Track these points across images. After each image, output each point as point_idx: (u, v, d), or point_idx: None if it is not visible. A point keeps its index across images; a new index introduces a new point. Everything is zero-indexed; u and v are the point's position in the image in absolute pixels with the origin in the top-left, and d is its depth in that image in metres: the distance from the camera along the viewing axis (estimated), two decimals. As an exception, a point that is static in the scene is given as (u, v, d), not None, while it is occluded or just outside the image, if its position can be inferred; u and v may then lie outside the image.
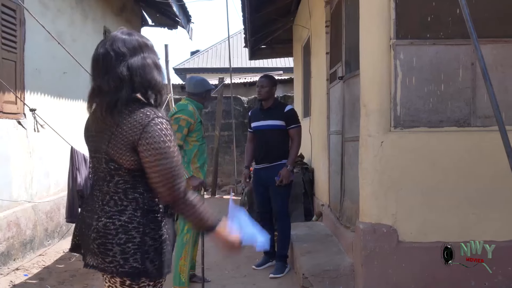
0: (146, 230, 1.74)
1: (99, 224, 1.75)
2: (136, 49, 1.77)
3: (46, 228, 5.37)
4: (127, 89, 1.72)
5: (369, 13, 3.54)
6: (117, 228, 1.73)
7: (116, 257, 1.72)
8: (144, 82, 1.75)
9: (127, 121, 1.71)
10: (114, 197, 1.76)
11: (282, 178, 4.47)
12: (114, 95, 1.71)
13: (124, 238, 1.73)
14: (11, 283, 4.22)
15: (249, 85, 13.57)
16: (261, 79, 4.77)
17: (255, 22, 7.83)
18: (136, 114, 1.71)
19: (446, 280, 3.37)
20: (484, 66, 2.62)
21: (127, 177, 1.76)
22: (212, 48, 22.80)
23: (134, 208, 1.75)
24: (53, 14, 5.70)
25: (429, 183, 3.46)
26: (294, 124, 4.64)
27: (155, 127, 1.70)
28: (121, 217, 1.74)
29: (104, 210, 1.77)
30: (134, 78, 1.73)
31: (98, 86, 1.76)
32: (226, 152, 11.33)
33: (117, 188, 1.77)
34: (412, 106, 3.53)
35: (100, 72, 1.75)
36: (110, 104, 1.72)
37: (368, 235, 3.46)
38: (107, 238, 1.73)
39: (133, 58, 1.74)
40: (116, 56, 1.73)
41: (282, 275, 4.47)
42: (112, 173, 1.77)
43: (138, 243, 1.73)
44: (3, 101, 4.64)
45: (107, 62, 1.73)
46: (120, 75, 1.71)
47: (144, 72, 1.75)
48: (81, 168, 4.41)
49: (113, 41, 1.77)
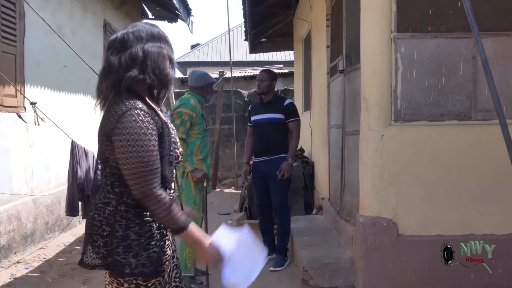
0: (130, 224, 1.72)
1: (89, 214, 1.79)
2: (155, 37, 1.78)
3: (46, 221, 5.38)
4: (137, 70, 1.71)
5: (370, 6, 3.53)
6: (101, 220, 1.73)
7: (101, 249, 1.73)
8: (155, 68, 1.75)
9: (109, 110, 1.72)
10: (104, 189, 1.77)
11: (283, 171, 4.48)
12: (121, 74, 1.71)
13: (108, 230, 1.72)
14: (12, 276, 4.23)
15: (249, 79, 13.55)
16: (261, 73, 4.81)
17: (255, 15, 7.80)
18: (118, 104, 1.71)
19: (445, 273, 3.38)
20: (485, 60, 2.61)
21: (114, 169, 1.74)
22: (212, 42, 22.75)
23: (118, 202, 1.73)
24: (53, 7, 5.68)
25: (429, 177, 3.46)
26: (293, 117, 4.67)
27: (130, 117, 1.67)
28: (106, 210, 1.74)
29: (94, 202, 1.79)
30: (147, 60, 1.73)
31: (109, 63, 1.74)
32: (226, 146, 11.32)
33: (107, 180, 1.77)
34: (412, 100, 3.52)
35: (114, 50, 1.75)
36: (115, 83, 1.72)
37: (368, 229, 3.46)
38: (93, 229, 1.75)
39: (150, 44, 1.76)
40: (134, 38, 1.75)
41: (282, 268, 4.48)
42: (104, 165, 1.78)
43: (120, 237, 1.71)
44: (3, 94, 4.63)
45: (124, 42, 1.75)
46: (133, 55, 1.72)
47: (157, 59, 1.76)
48: (82, 162, 4.41)
49: (134, 26, 1.80)
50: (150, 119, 1.70)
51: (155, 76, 1.75)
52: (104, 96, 1.77)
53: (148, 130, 1.68)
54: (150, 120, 1.70)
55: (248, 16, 7.79)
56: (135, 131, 1.66)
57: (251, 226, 6.56)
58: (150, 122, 1.70)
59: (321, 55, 5.76)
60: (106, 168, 1.78)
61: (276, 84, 4.85)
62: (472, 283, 3.39)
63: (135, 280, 1.74)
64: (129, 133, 1.65)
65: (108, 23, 7.72)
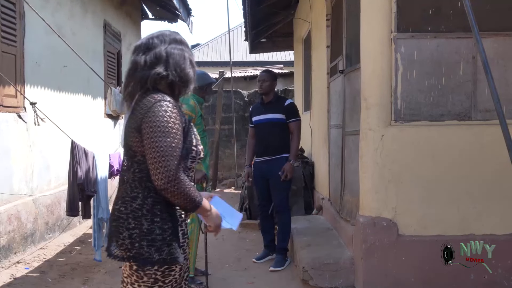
0: (155, 219, 1.81)
1: (115, 207, 1.88)
2: (177, 41, 1.95)
3: (47, 221, 5.38)
4: (161, 67, 1.86)
5: (370, 6, 3.53)
6: (128, 213, 1.83)
7: (125, 241, 1.81)
8: (177, 67, 1.90)
9: (138, 104, 1.85)
10: (132, 184, 1.86)
11: (286, 172, 4.52)
12: (147, 72, 1.86)
13: (133, 223, 1.81)
14: (12, 276, 4.23)
15: (249, 79, 13.54)
16: (262, 73, 4.84)
17: (255, 15, 7.80)
18: (146, 98, 1.83)
19: (445, 273, 3.38)
20: (485, 60, 2.61)
21: (142, 166, 1.83)
22: (212, 42, 22.73)
23: (145, 196, 1.82)
24: (53, 7, 5.68)
25: (429, 176, 3.46)
26: (294, 117, 4.69)
27: (159, 108, 1.79)
28: (133, 203, 1.83)
29: (121, 196, 1.88)
30: (169, 59, 1.89)
31: (135, 63, 1.90)
32: (226, 146, 11.32)
33: (134, 176, 1.86)
34: (412, 100, 3.52)
35: (139, 52, 1.91)
36: (141, 80, 1.86)
37: (368, 229, 3.46)
38: (119, 221, 1.84)
39: (173, 46, 1.92)
40: (158, 41, 1.92)
41: (282, 268, 4.48)
42: (131, 161, 1.88)
43: (145, 231, 1.79)
44: (3, 94, 4.63)
45: (149, 44, 1.91)
46: (157, 54, 1.88)
47: (179, 59, 1.91)
48: (82, 162, 4.40)
49: (158, 32, 1.98)
50: (177, 111, 1.83)
51: (177, 74, 1.90)
52: (131, 94, 1.91)
53: (175, 120, 1.80)
54: (177, 112, 1.83)
55: (248, 16, 7.79)
56: (163, 119, 1.77)
57: (251, 226, 6.57)
58: (177, 114, 1.82)
59: (321, 55, 5.76)
60: (134, 164, 1.86)
61: (276, 84, 4.87)
62: (472, 283, 3.39)
63: (154, 275, 1.82)
64: (158, 120, 1.77)
65: (108, 23, 7.72)
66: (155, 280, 1.83)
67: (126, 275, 1.90)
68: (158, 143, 1.75)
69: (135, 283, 1.86)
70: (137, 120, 1.82)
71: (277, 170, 4.55)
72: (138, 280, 1.84)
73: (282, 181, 4.53)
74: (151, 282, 1.83)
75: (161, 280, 1.84)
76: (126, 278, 1.90)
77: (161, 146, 1.75)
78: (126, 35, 8.86)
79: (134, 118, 1.84)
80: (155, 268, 1.81)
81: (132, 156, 1.87)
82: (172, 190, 1.76)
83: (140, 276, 1.83)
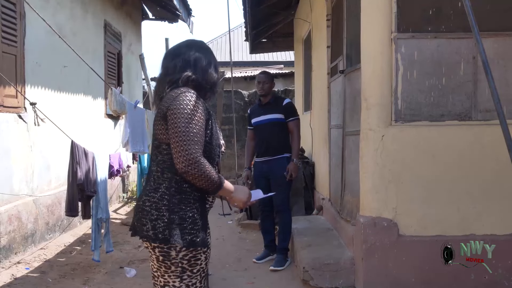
0: (175, 209, 1.92)
1: (140, 201, 2.01)
2: (203, 49, 2.14)
3: (47, 221, 5.38)
4: (189, 71, 2.03)
5: (370, 6, 3.53)
6: (151, 205, 1.95)
7: (149, 231, 1.93)
8: (204, 71, 2.08)
9: (165, 96, 2.01)
10: (155, 176, 2.00)
11: (290, 172, 4.55)
12: (177, 74, 2.03)
13: (156, 214, 1.93)
14: (12, 276, 4.24)
15: (249, 79, 13.54)
16: (261, 75, 4.87)
17: (256, 15, 7.80)
18: (173, 90, 2.00)
19: (446, 274, 3.38)
20: (486, 60, 2.61)
21: (166, 157, 1.97)
22: (213, 42, 22.71)
23: (167, 187, 1.95)
24: (53, 8, 5.68)
25: (429, 177, 3.46)
26: (293, 116, 4.73)
27: (184, 97, 1.94)
28: (155, 195, 1.95)
29: (146, 189, 2.02)
30: (197, 63, 2.07)
31: (166, 68, 2.08)
32: (226, 146, 11.20)
33: (158, 167, 1.99)
34: (413, 100, 3.52)
35: (169, 58, 2.10)
36: (172, 81, 2.03)
37: (368, 229, 3.46)
38: (143, 213, 1.96)
39: (200, 52, 2.11)
40: (187, 48, 2.11)
41: (282, 268, 4.49)
42: (156, 152, 2.01)
43: (166, 220, 1.91)
44: (4, 95, 4.63)
45: (178, 51, 2.11)
46: (187, 58, 2.07)
47: (205, 64, 2.09)
48: (82, 162, 4.40)
49: (186, 41, 2.19)
50: (201, 103, 1.98)
51: (203, 77, 2.07)
52: (160, 95, 2.06)
53: (198, 109, 1.95)
54: (200, 103, 1.98)
55: (248, 16, 7.79)
56: (188, 107, 1.92)
57: (251, 226, 6.57)
58: (200, 104, 1.97)
59: (321, 55, 5.75)
60: (158, 155, 2.00)
61: (274, 85, 4.90)
62: (472, 283, 3.39)
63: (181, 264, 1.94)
64: (182, 107, 1.91)
65: (109, 23, 7.72)
66: (182, 269, 1.95)
67: (155, 268, 2.01)
68: (181, 128, 1.89)
69: (165, 275, 1.98)
70: (163, 109, 1.96)
71: (278, 169, 4.57)
72: (167, 271, 1.96)
73: (288, 180, 4.57)
74: (179, 271, 1.95)
75: (188, 270, 1.95)
76: (155, 272, 2.02)
77: (183, 131, 1.88)
78: (126, 35, 8.86)
79: (161, 108, 1.98)
80: (180, 257, 1.92)
81: (158, 146, 2.01)
82: (193, 173, 1.88)
83: (168, 266, 1.95)
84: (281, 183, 4.58)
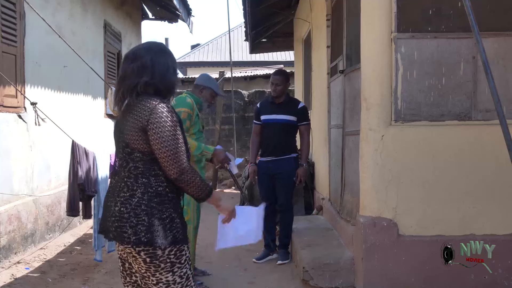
0: (154, 212, 1.99)
1: (115, 209, 2.03)
2: (162, 51, 2.18)
3: (47, 221, 5.38)
4: (148, 75, 2.07)
5: (370, 6, 3.53)
6: (129, 212, 1.99)
7: (131, 237, 1.98)
8: (162, 76, 2.12)
9: (137, 107, 2.04)
10: (128, 182, 2.04)
11: (300, 177, 4.62)
12: (135, 79, 2.06)
13: (135, 221, 1.98)
14: (12, 276, 4.23)
15: (249, 79, 13.52)
16: (276, 76, 4.76)
17: (255, 15, 7.80)
18: (145, 101, 2.05)
19: (446, 273, 3.38)
20: (486, 60, 2.61)
21: (139, 163, 2.04)
22: (212, 42, 22.73)
23: (142, 192, 2.01)
24: (53, 7, 5.68)
25: (429, 176, 3.46)
26: (306, 121, 4.78)
27: (161, 110, 2.02)
28: (132, 202, 2.00)
29: (119, 196, 2.04)
30: (155, 68, 2.10)
31: (124, 71, 2.11)
32: (226, 146, 11.29)
33: (130, 173, 2.04)
34: (413, 100, 3.52)
35: (128, 61, 2.12)
36: (131, 86, 2.06)
37: (368, 229, 3.47)
38: (122, 222, 2.00)
39: (158, 55, 2.13)
40: (145, 51, 2.13)
41: (288, 261, 4.62)
42: (127, 159, 2.06)
43: (147, 225, 1.97)
44: (4, 95, 4.63)
45: (137, 54, 2.13)
46: (144, 63, 2.09)
47: (163, 67, 2.13)
48: (82, 162, 4.40)
49: (145, 43, 2.23)
50: (173, 112, 2.07)
51: (161, 81, 2.11)
52: (121, 99, 2.10)
53: (175, 120, 2.05)
54: (174, 113, 2.07)
55: (248, 16, 7.79)
56: (168, 119, 2.02)
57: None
58: (174, 115, 2.07)
59: (321, 55, 5.76)
60: (130, 162, 2.05)
61: (289, 85, 4.87)
62: (472, 283, 3.40)
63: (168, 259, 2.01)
64: (164, 121, 2.01)
65: (108, 23, 7.72)
66: (171, 263, 2.02)
67: (143, 270, 2.04)
68: (169, 142, 1.99)
69: (156, 273, 2.02)
70: (141, 121, 2.01)
71: (286, 169, 4.62)
72: (158, 269, 2.01)
73: (299, 183, 4.64)
74: (169, 266, 2.02)
75: (177, 262, 2.03)
76: (144, 273, 2.05)
77: (172, 144, 2.00)
78: (126, 35, 8.86)
79: (136, 120, 2.02)
80: (166, 254, 2.00)
81: (129, 153, 2.05)
82: (186, 180, 2.03)
83: (157, 265, 2.01)
84: (287, 183, 4.63)
